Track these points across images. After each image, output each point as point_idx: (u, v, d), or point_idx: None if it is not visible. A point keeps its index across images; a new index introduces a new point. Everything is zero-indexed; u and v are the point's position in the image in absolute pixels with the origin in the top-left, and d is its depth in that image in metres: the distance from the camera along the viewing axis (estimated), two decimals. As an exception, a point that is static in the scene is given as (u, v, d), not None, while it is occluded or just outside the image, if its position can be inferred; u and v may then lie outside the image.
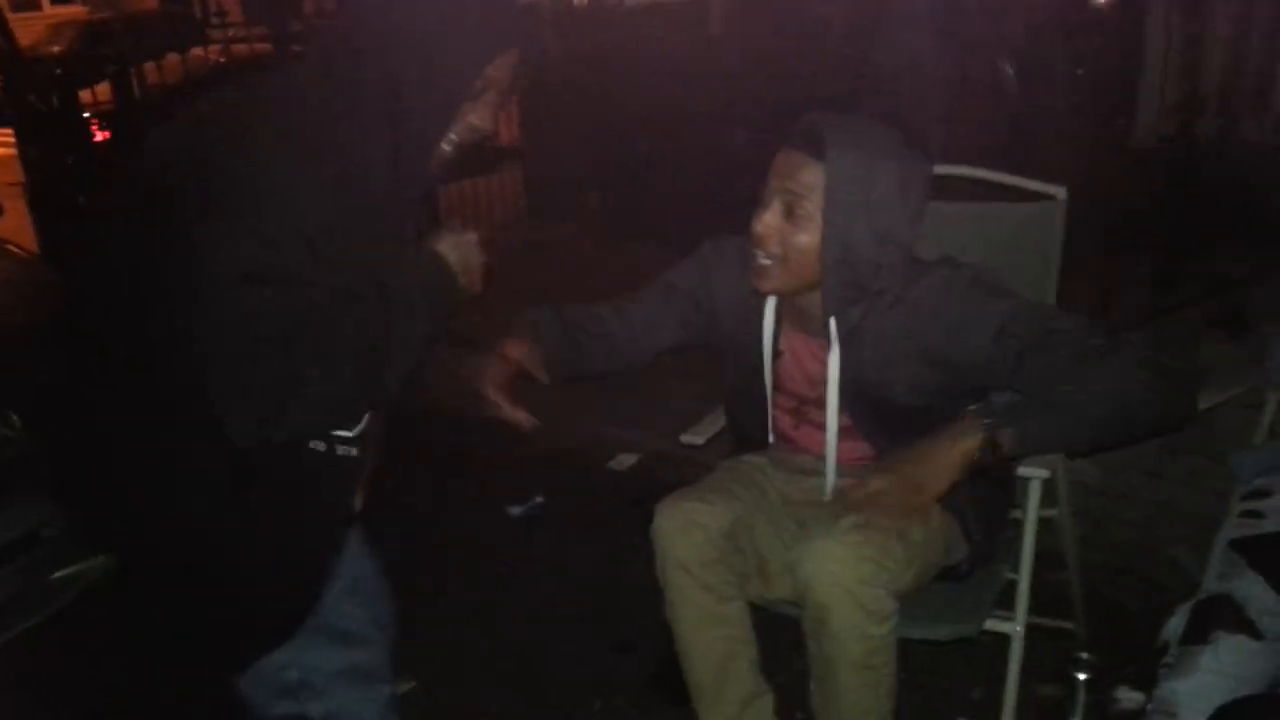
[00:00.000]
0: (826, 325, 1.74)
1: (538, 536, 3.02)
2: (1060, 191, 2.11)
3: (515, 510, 3.10)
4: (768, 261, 1.69)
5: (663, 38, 8.84)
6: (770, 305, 1.82)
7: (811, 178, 1.63)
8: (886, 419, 1.77)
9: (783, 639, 1.94)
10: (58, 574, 2.36)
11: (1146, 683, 1.70)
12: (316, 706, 1.50)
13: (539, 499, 3.14)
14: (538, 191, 6.28)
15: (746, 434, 1.98)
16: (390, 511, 1.68)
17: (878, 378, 1.73)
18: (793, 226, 1.66)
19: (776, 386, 1.87)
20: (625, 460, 3.36)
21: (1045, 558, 2.06)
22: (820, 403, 1.81)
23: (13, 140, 5.02)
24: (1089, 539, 2.40)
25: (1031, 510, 1.84)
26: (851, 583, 1.60)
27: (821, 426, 1.82)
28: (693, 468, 3.04)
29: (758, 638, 1.87)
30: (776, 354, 1.84)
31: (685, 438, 2.06)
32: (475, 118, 1.39)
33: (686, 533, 1.75)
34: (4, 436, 2.29)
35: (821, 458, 1.85)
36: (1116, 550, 2.58)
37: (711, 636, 1.81)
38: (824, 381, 1.78)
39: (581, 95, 6.02)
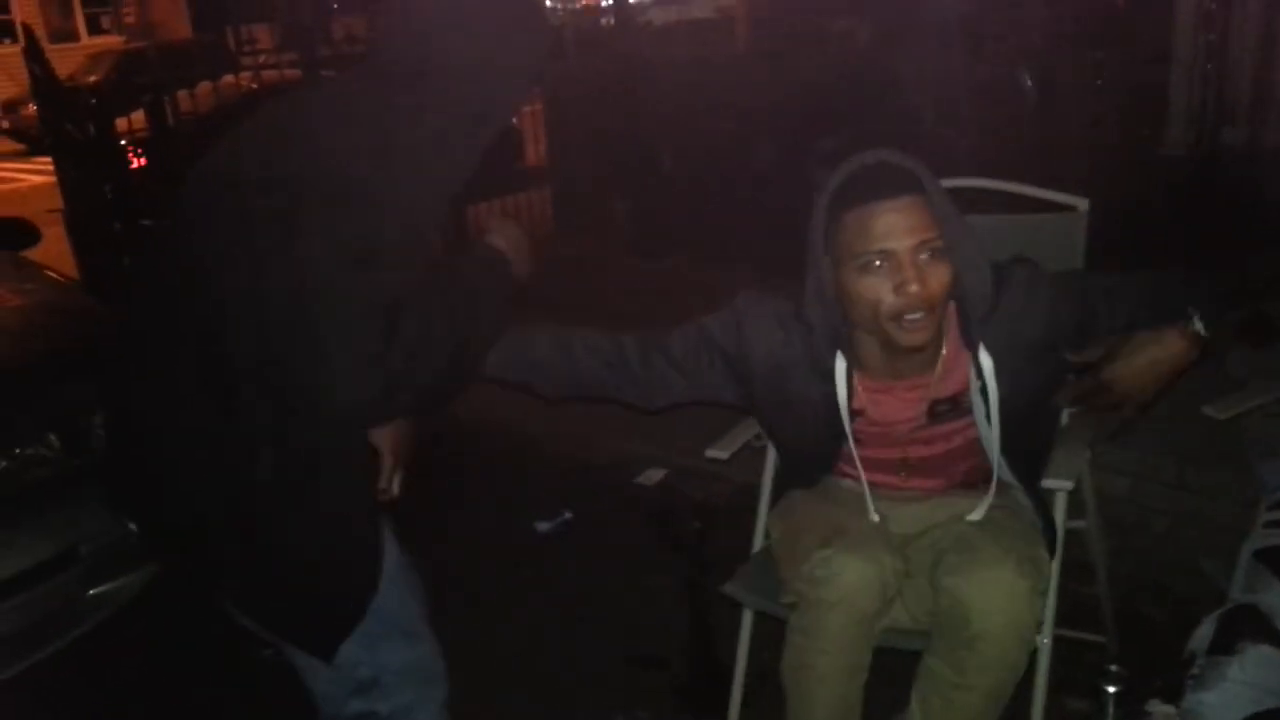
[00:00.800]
0: (935, 357, 1.72)
1: (564, 551, 3.04)
2: (1081, 203, 2.12)
3: (543, 526, 3.12)
4: (918, 316, 1.60)
5: (689, 54, 8.90)
6: (841, 367, 1.74)
7: (929, 215, 1.57)
8: (1025, 429, 1.75)
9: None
10: (94, 590, 2.40)
11: (1177, 695, 1.69)
12: (384, 705, 1.55)
13: (567, 514, 3.15)
14: (565, 208, 6.35)
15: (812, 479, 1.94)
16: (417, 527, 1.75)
17: (1011, 387, 1.70)
18: (933, 271, 1.59)
19: (859, 440, 1.80)
20: (653, 475, 3.37)
21: (1072, 570, 2.05)
22: (925, 439, 1.79)
23: (52, 168, 5.14)
24: (1116, 550, 2.38)
25: (1059, 520, 1.83)
26: (1024, 617, 1.61)
27: (922, 468, 1.82)
28: (720, 484, 3.07)
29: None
30: (855, 414, 1.78)
31: (710, 452, 2.06)
32: None
33: (872, 586, 1.65)
34: (42, 456, 2.34)
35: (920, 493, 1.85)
36: (1143, 562, 2.56)
37: (854, 684, 1.73)
38: (923, 417, 1.76)
39: (608, 112, 6.08)
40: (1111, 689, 1.89)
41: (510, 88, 1.54)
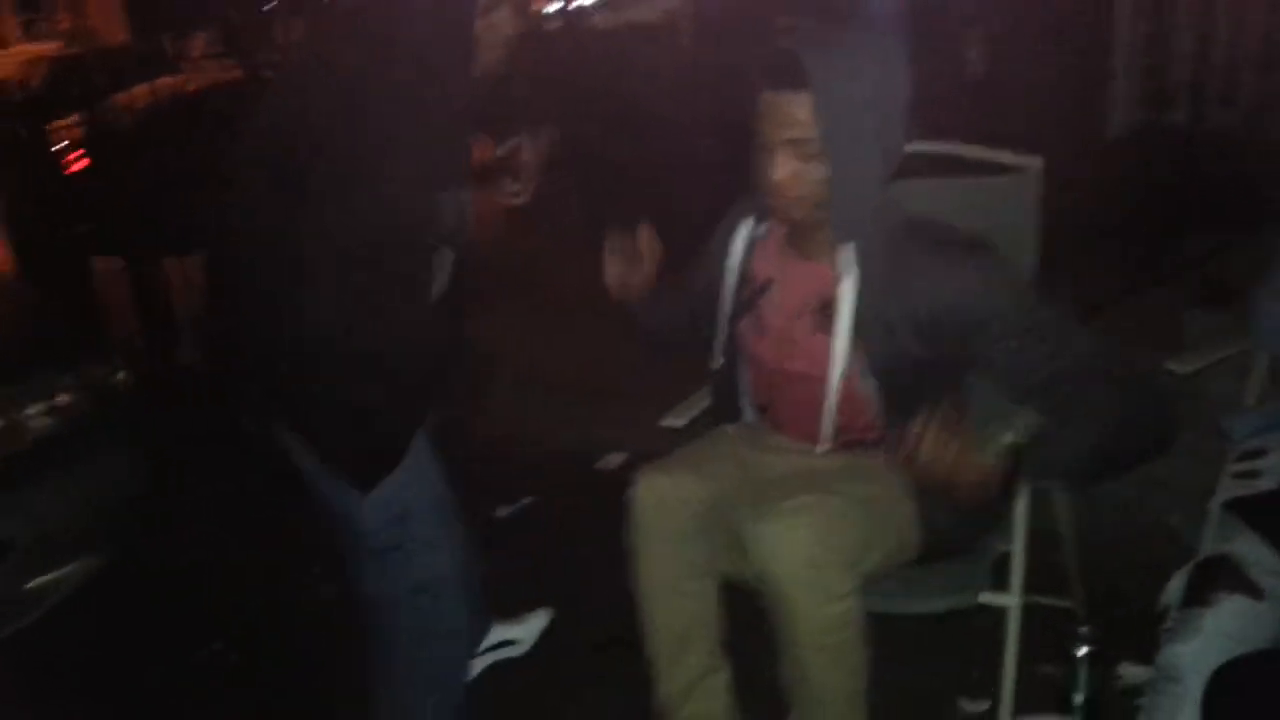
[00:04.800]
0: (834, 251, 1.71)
1: (525, 537, 2.99)
2: (1034, 162, 2.07)
3: (503, 512, 3.07)
4: (779, 201, 1.67)
5: (634, 53, 8.91)
6: (745, 229, 1.82)
7: (804, 113, 1.58)
8: (897, 360, 1.69)
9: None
10: (33, 583, 2.34)
11: (1149, 657, 1.68)
12: (414, 535, 1.81)
13: (526, 500, 3.10)
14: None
15: (725, 402, 1.97)
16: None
17: (888, 313, 1.67)
18: (805, 164, 1.62)
19: (762, 328, 1.82)
20: (614, 460, 3.33)
21: (1040, 535, 2.03)
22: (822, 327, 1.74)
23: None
24: (1081, 515, 2.37)
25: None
26: (803, 561, 1.60)
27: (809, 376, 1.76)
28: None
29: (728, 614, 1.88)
30: (765, 285, 1.81)
31: (666, 421, 2.06)
32: (502, 23, 1.73)
33: (668, 506, 1.76)
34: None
35: (799, 440, 1.83)
36: (1111, 527, 2.54)
37: (676, 608, 1.83)
38: (813, 311, 1.74)
39: (555, 112, 6.05)
40: (1082, 651, 1.88)
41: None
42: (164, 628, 2.73)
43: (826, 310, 1.73)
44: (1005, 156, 2.12)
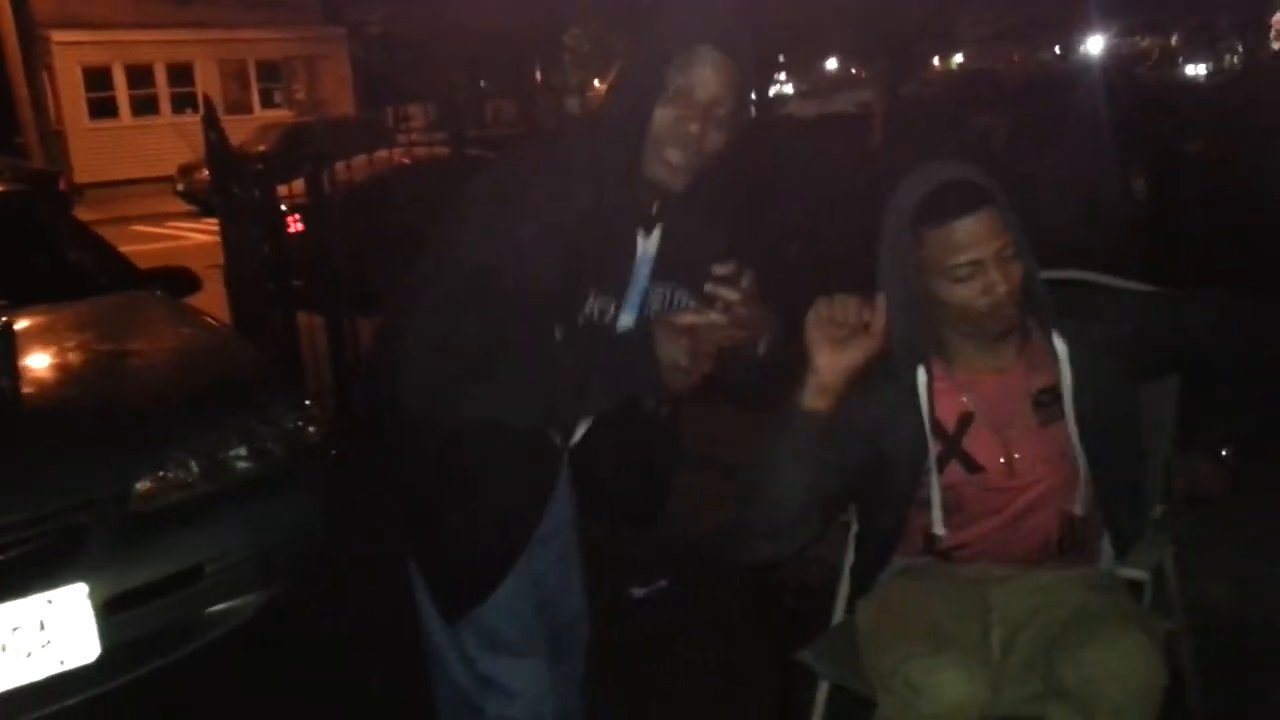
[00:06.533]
0: (1022, 346, 1.83)
1: (656, 620, 3.06)
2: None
3: (638, 592, 3.15)
4: (1008, 309, 1.74)
5: (825, 147, 9.00)
6: (923, 380, 1.81)
7: (996, 227, 1.70)
8: (1115, 456, 1.81)
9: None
10: (212, 608, 2.54)
11: None
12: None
13: (663, 582, 3.18)
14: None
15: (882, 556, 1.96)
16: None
17: (1096, 394, 1.79)
18: (1014, 267, 1.72)
19: (975, 465, 1.83)
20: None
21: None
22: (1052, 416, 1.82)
23: (217, 228, 5.52)
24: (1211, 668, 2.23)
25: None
26: (1158, 676, 1.61)
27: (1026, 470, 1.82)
28: (815, 565, 3.02)
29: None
30: (964, 422, 1.83)
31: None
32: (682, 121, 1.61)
33: (970, 702, 1.63)
34: (182, 481, 2.54)
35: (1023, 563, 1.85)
36: (1240, 673, 2.41)
37: None
38: (1029, 409, 1.82)
39: (738, 199, 6.20)
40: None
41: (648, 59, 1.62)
42: (329, 660, 2.91)
43: (1043, 400, 1.82)
44: (1137, 285, 2.12)
